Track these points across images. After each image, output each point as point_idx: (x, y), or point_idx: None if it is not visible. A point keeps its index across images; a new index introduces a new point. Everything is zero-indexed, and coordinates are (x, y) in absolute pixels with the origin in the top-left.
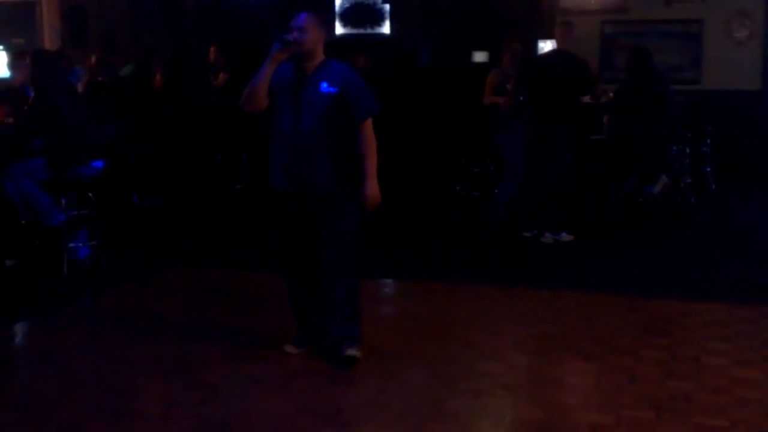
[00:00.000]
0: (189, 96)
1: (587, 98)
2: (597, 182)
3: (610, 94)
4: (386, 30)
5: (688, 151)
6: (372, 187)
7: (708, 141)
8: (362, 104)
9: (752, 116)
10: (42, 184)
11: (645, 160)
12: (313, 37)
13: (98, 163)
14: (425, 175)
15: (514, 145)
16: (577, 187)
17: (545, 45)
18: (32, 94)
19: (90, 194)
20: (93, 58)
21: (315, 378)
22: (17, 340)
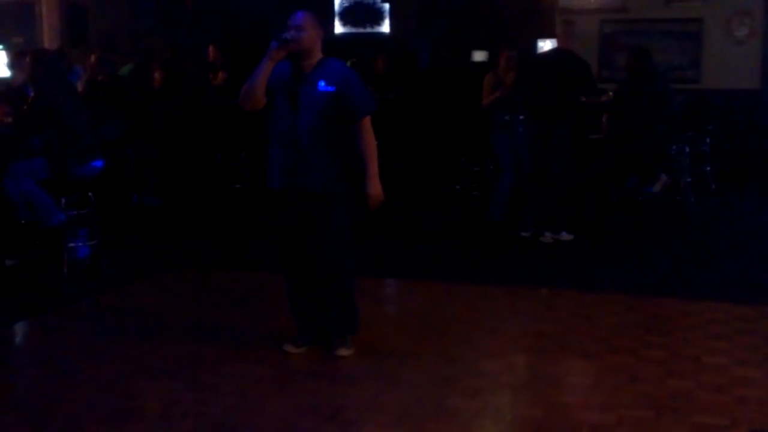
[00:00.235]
0: (189, 95)
1: (583, 98)
2: (597, 182)
3: (610, 93)
4: (386, 29)
5: (687, 150)
6: (374, 186)
7: (708, 140)
8: (360, 103)
9: (752, 115)
10: (42, 183)
11: (645, 160)
12: (311, 36)
13: (98, 163)
14: (425, 175)
15: (510, 150)
16: (577, 187)
17: (544, 44)
18: (32, 93)
19: (90, 194)
20: (92, 58)
21: (315, 378)
22: (17, 340)
